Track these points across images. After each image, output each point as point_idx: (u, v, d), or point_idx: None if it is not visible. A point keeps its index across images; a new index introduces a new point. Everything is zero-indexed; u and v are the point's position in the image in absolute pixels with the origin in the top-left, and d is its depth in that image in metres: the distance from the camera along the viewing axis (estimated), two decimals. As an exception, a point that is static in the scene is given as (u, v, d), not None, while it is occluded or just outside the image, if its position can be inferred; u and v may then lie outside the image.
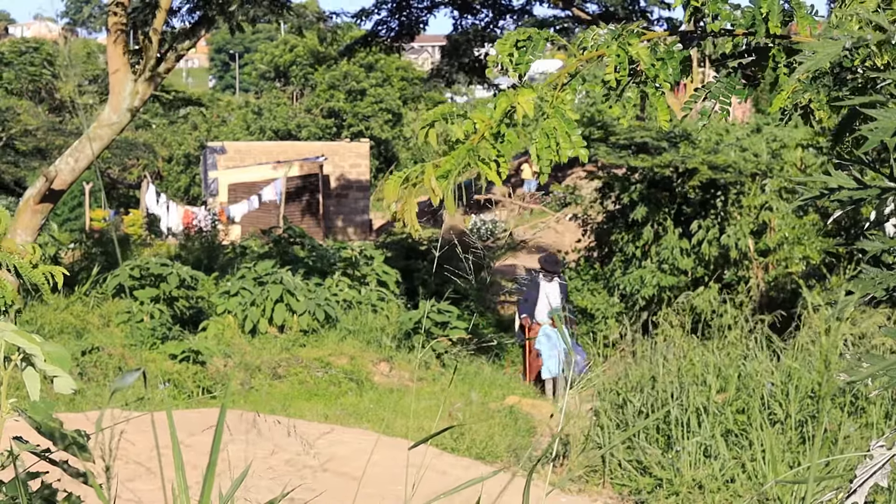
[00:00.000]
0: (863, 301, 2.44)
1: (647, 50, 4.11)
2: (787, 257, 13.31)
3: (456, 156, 4.06)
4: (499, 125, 4.07)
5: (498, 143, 4.08)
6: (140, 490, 5.38)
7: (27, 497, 1.90)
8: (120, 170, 38.07)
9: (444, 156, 4.13)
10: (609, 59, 4.08)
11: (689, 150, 14.44)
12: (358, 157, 32.67)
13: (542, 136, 4.05)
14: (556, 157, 4.06)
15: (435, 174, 4.04)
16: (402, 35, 20.48)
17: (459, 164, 4.05)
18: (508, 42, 4.21)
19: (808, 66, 2.79)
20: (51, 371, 1.75)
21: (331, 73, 46.14)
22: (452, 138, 4.12)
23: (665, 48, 4.17)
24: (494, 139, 4.09)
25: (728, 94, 4.13)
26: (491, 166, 4.06)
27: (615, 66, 4.06)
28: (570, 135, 4.04)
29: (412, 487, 2.00)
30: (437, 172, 4.05)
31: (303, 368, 12.51)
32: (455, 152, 4.08)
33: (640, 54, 4.07)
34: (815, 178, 2.44)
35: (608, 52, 4.09)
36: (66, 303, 14.83)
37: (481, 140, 4.06)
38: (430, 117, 4.17)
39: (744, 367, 6.98)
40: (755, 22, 3.88)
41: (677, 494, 6.22)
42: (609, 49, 4.08)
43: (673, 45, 4.20)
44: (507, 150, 4.09)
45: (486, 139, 4.06)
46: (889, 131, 2.21)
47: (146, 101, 15.13)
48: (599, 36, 4.20)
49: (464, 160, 4.05)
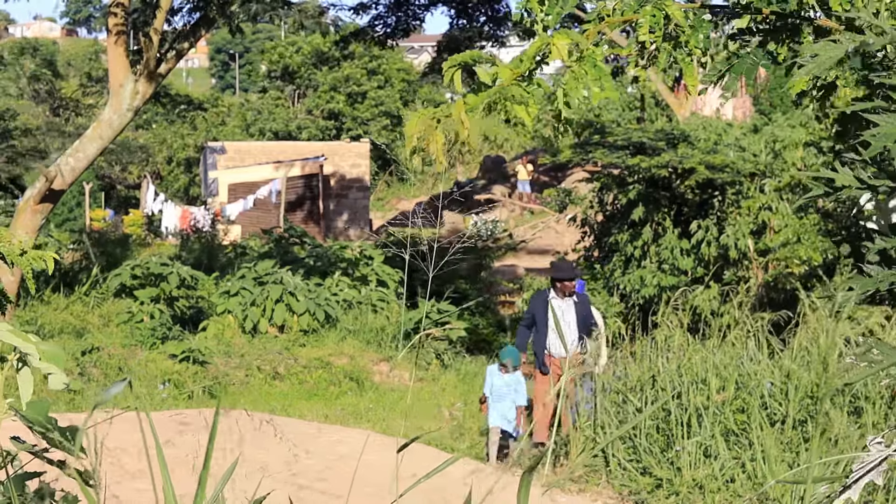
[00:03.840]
0: (862, 298, 2.45)
1: (681, 12, 4.09)
2: (787, 258, 13.31)
3: (487, 93, 3.99)
4: (530, 67, 4.02)
5: (527, 86, 4.02)
6: (140, 490, 5.38)
7: (22, 497, 1.90)
8: (120, 170, 38.07)
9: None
10: (644, 20, 4.03)
11: (687, 150, 14.44)
12: (358, 157, 32.67)
13: (571, 79, 3.99)
14: (584, 99, 3.99)
15: (464, 108, 3.98)
16: (397, 30, 20.55)
17: (489, 99, 3.98)
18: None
19: (809, 69, 2.79)
20: (45, 368, 1.75)
21: (333, 75, 46.15)
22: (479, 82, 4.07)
23: (694, 17, 4.16)
24: (524, 80, 4.03)
25: (754, 66, 4.12)
26: (521, 106, 3.98)
27: (650, 27, 4.03)
28: (601, 79, 3.98)
29: (410, 486, 2.00)
30: (466, 107, 3.98)
31: (303, 368, 12.51)
32: (485, 91, 4.01)
33: (675, 14, 4.04)
34: (821, 173, 2.44)
35: (643, 13, 4.05)
36: (66, 303, 14.83)
37: (511, 83, 4.00)
38: (457, 59, 4.12)
39: (743, 367, 6.98)
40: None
41: (677, 494, 6.22)
42: (644, 10, 4.05)
43: (702, 14, 4.19)
44: (537, 94, 4.03)
45: (516, 82, 4.00)
46: (892, 137, 2.21)
47: (146, 101, 15.13)
48: (623, 4, 4.18)
49: (493, 96, 3.98)
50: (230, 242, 21.56)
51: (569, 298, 9.08)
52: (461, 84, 4.15)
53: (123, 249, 19.16)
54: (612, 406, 7.25)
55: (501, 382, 8.90)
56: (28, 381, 1.79)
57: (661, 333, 7.72)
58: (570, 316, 9.01)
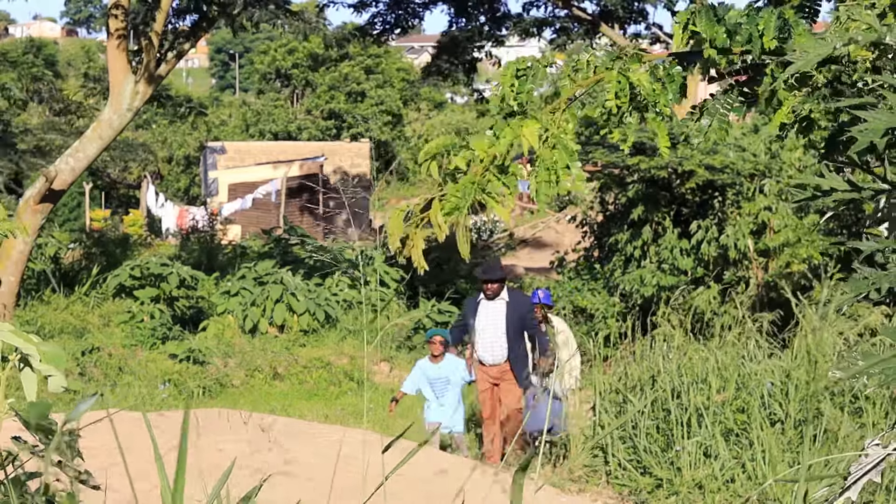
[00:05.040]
0: (857, 299, 2.45)
1: (647, 75, 4.08)
2: (788, 261, 13.31)
3: (462, 189, 3.93)
4: (504, 158, 4.01)
5: (504, 178, 4.01)
6: (141, 491, 5.38)
7: (21, 497, 1.90)
8: (120, 170, 38.06)
9: (443, 185, 4.05)
10: (609, 86, 4.03)
11: (686, 151, 14.44)
12: (358, 157, 32.68)
13: (542, 171, 3.99)
14: (554, 191, 4.02)
15: (441, 210, 3.95)
16: (395, 28, 20.59)
17: (467, 199, 3.96)
18: (509, 72, 4.19)
19: (798, 65, 2.80)
20: (45, 370, 1.75)
21: (331, 75, 46.16)
22: (452, 167, 4.05)
23: (664, 70, 4.15)
24: (500, 172, 4.01)
25: (726, 111, 4.13)
26: (499, 200, 3.99)
27: (615, 93, 4.02)
28: (570, 167, 4.00)
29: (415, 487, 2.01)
30: (443, 208, 3.95)
31: (303, 368, 12.52)
32: (460, 185, 3.95)
33: (640, 80, 4.03)
34: (808, 179, 2.45)
35: (608, 78, 4.05)
36: (66, 303, 14.84)
37: (485, 172, 3.99)
38: (431, 150, 4.09)
39: (743, 367, 6.98)
40: (752, 39, 3.87)
41: (677, 494, 6.22)
42: (609, 75, 4.05)
43: (672, 67, 4.18)
44: (514, 184, 4.03)
45: (491, 172, 3.99)
46: (878, 133, 2.22)
47: (146, 102, 15.14)
48: (596, 58, 4.18)
49: (470, 194, 3.96)
50: (230, 242, 21.56)
51: (499, 301, 8.34)
52: (438, 173, 4.12)
53: (123, 249, 19.17)
54: (612, 406, 7.25)
55: (436, 374, 8.26)
56: (32, 381, 1.80)
57: (661, 333, 7.73)
58: (499, 319, 8.28)
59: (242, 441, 5.99)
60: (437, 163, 4.09)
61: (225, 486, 1.92)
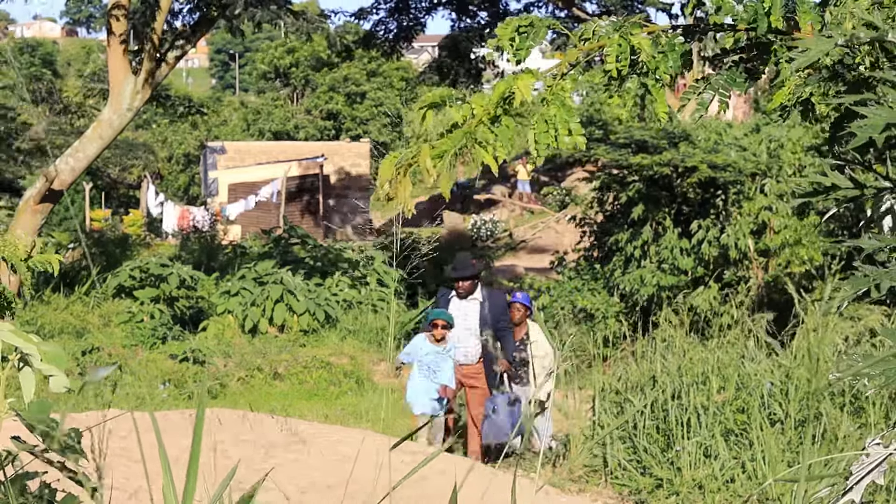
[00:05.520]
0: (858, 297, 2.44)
1: (648, 41, 4.09)
2: (789, 260, 13.31)
3: (453, 137, 4.01)
4: (496, 109, 4.03)
5: (495, 128, 4.03)
6: (142, 490, 5.38)
7: (21, 498, 1.90)
8: (120, 170, 38.07)
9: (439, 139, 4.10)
10: (610, 49, 4.04)
11: (688, 149, 14.44)
12: (358, 157, 32.68)
13: (540, 122, 4.00)
14: (553, 144, 4.00)
15: (430, 154, 3.99)
16: (400, 37, 20.49)
17: (455, 146, 3.99)
18: (510, 27, 4.19)
19: (800, 62, 2.80)
20: (46, 370, 1.75)
21: (331, 76, 46.15)
22: (450, 121, 4.09)
23: (667, 41, 4.16)
24: (492, 123, 4.04)
25: (728, 86, 4.12)
26: (488, 150, 4.00)
27: (616, 56, 4.03)
28: (568, 122, 3.99)
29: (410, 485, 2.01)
30: (432, 153, 3.99)
31: (303, 368, 12.51)
32: (452, 134, 4.03)
33: (641, 44, 4.04)
34: (810, 178, 2.45)
35: (609, 42, 4.06)
36: (66, 303, 14.84)
37: (479, 124, 4.03)
38: (428, 99, 4.14)
39: (743, 367, 6.98)
40: (757, 16, 3.87)
41: (677, 494, 6.22)
42: (611, 39, 4.06)
43: (674, 38, 4.18)
44: (504, 135, 4.03)
45: (483, 123, 4.03)
46: (878, 128, 2.22)
47: (147, 101, 15.14)
48: (601, 27, 4.19)
49: (460, 141, 4.00)
50: (230, 242, 21.57)
51: (472, 300, 8.00)
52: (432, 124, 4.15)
53: (123, 250, 19.17)
54: (612, 406, 7.25)
55: (431, 350, 7.88)
56: (30, 380, 1.80)
57: (661, 333, 7.72)
58: (471, 318, 7.96)
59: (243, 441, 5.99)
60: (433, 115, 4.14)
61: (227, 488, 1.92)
